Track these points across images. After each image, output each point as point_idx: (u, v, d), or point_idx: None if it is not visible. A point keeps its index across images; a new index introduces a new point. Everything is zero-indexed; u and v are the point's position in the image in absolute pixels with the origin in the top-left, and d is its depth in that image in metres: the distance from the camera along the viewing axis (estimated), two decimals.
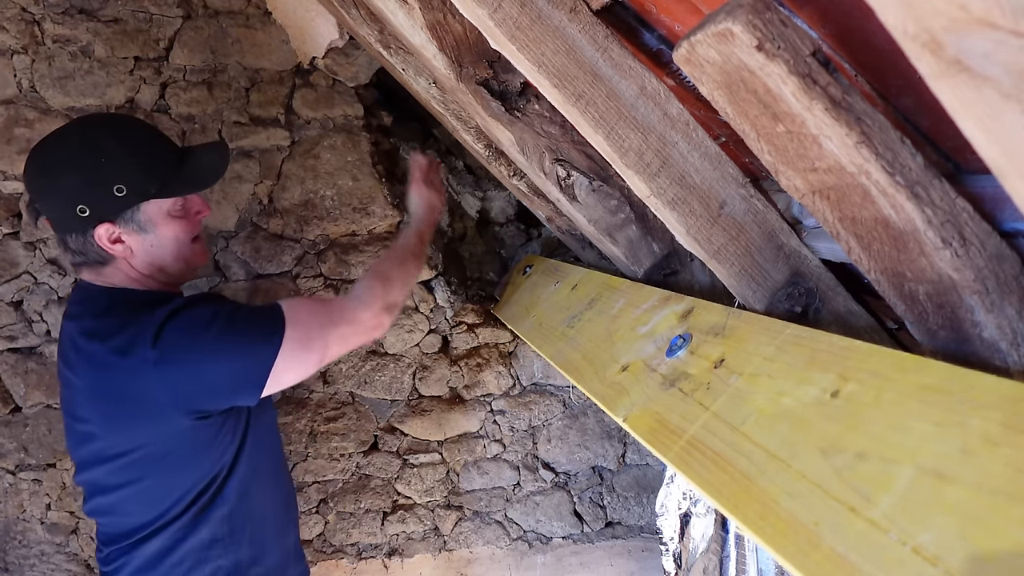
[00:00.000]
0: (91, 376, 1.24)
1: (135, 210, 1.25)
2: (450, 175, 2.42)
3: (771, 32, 0.61)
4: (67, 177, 1.22)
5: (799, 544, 0.62)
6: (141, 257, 1.29)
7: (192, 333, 1.21)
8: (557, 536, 2.39)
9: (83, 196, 1.22)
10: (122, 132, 1.28)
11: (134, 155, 1.26)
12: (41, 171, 1.24)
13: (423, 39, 1.25)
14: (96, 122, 1.34)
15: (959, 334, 0.73)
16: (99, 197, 1.23)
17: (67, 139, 1.25)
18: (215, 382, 1.23)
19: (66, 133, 1.27)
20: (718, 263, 1.01)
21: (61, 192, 1.23)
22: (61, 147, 1.24)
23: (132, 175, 1.24)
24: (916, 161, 0.65)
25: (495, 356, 2.27)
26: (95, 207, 1.23)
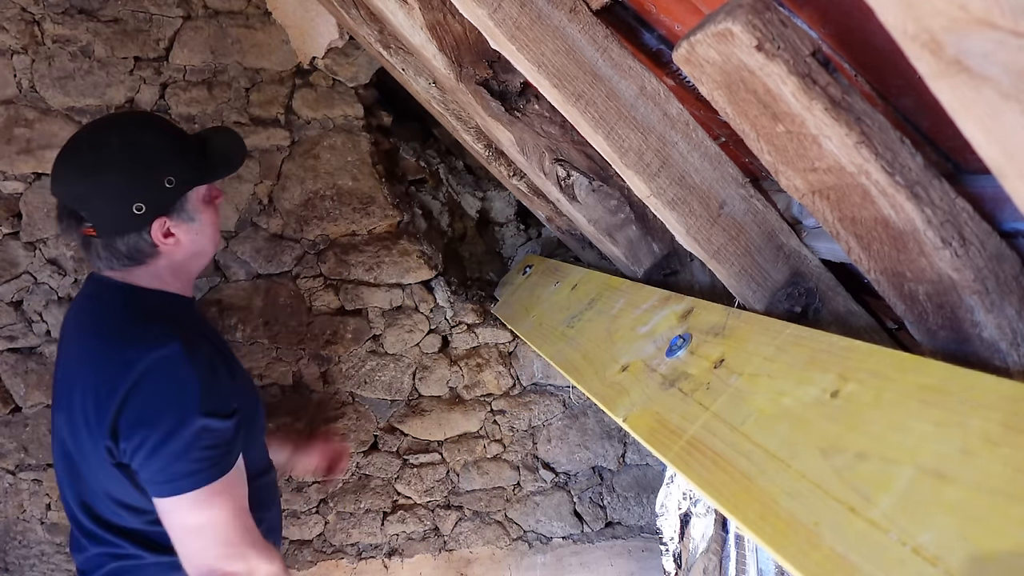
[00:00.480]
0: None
1: (184, 200, 1.27)
2: (450, 175, 2.42)
3: (771, 32, 0.61)
4: (117, 177, 1.21)
5: (799, 544, 0.62)
6: (185, 248, 1.30)
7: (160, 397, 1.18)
8: (557, 536, 2.39)
9: (138, 193, 1.21)
10: (154, 125, 1.30)
11: (171, 145, 1.27)
12: (84, 175, 1.21)
13: (423, 39, 1.25)
14: (126, 120, 1.34)
15: (959, 334, 0.73)
16: (153, 192, 1.23)
17: (105, 140, 1.23)
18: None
19: (101, 134, 1.25)
20: (718, 263, 1.01)
21: (112, 193, 1.21)
22: (101, 148, 1.23)
23: (176, 165, 1.25)
24: (916, 161, 0.65)
25: (495, 356, 2.27)
26: (151, 202, 1.22)
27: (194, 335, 1.25)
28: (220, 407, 1.20)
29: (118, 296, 1.28)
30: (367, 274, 2.15)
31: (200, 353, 1.22)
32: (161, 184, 1.23)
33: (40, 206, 1.97)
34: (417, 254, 2.18)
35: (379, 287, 2.17)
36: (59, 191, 1.25)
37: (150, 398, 1.16)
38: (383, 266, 2.16)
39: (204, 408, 1.17)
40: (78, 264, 2.00)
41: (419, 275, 2.18)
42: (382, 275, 2.16)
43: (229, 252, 2.08)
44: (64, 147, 1.26)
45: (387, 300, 2.18)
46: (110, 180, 1.21)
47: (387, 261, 2.16)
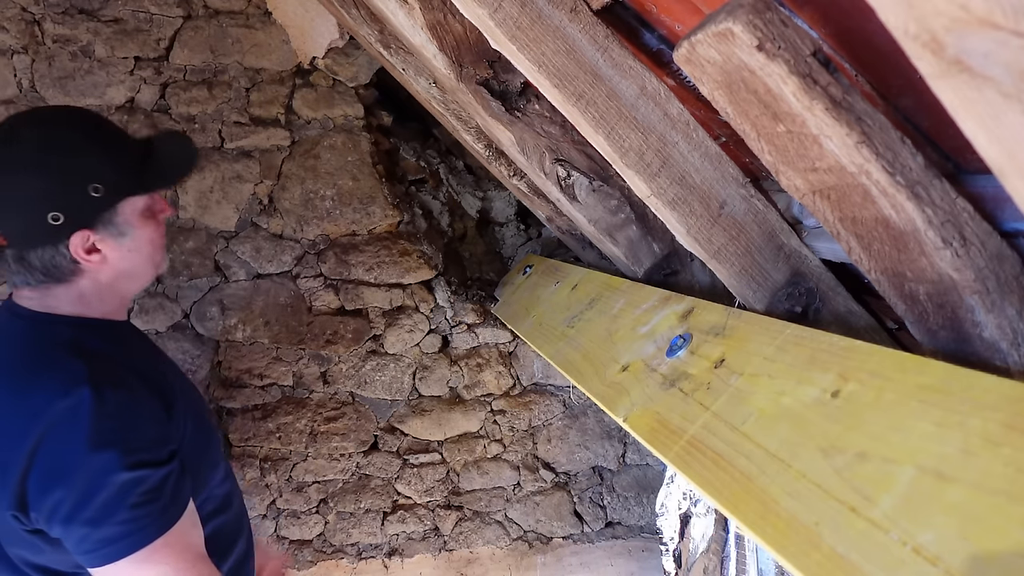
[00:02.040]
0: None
1: (113, 211, 1.08)
2: (450, 175, 2.42)
3: (771, 32, 0.61)
4: (31, 181, 1.03)
5: (799, 544, 0.62)
6: (114, 267, 1.12)
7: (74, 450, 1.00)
8: (557, 536, 2.39)
9: (54, 201, 1.03)
10: (81, 124, 1.10)
11: (103, 148, 1.08)
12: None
13: (423, 39, 1.25)
14: (48, 114, 1.13)
15: (959, 334, 0.73)
16: (73, 200, 1.05)
17: (20, 135, 1.05)
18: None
19: (16, 129, 1.06)
20: (718, 263, 1.01)
21: (24, 199, 1.03)
22: (13, 147, 1.04)
23: (106, 171, 1.07)
24: (916, 161, 0.65)
25: (495, 356, 2.27)
26: (70, 212, 1.04)
27: (115, 371, 1.07)
28: (149, 455, 1.02)
29: (29, 328, 1.10)
30: (367, 274, 2.15)
31: (119, 394, 1.03)
32: (85, 191, 1.05)
33: None
34: (417, 254, 2.18)
35: (379, 287, 2.17)
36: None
37: (58, 456, 0.98)
38: (383, 266, 2.16)
39: (125, 461, 0.99)
40: None
41: (419, 275, 2.18)
42: (382, 275, 2.16)
43: (229, 252, 2.08)
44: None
45: (387, 300, 2.18)
46: (21, 182, 1.03)
47: (387, 261, 2.16)
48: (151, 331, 2.05)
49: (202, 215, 2.05)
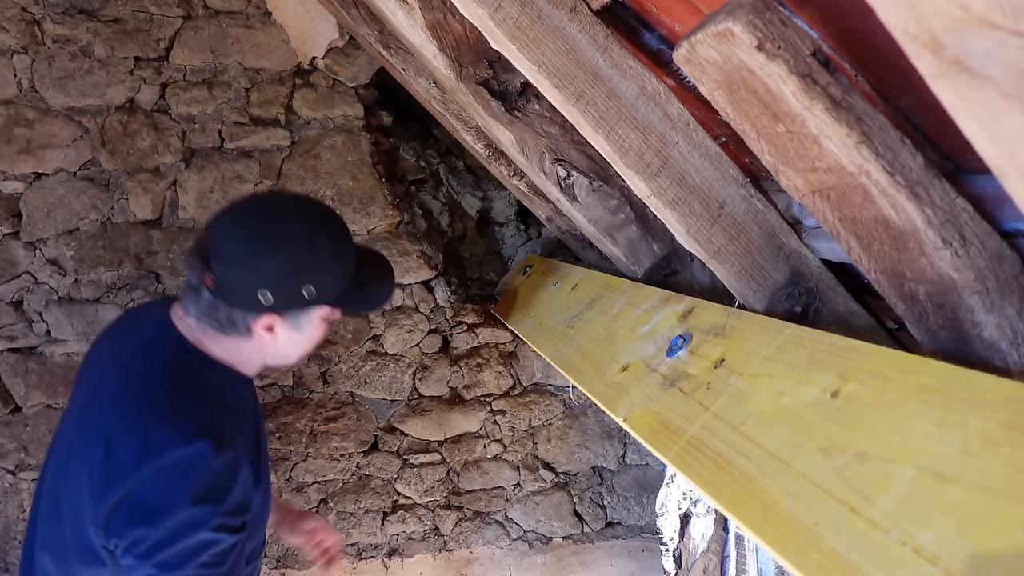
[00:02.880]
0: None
1: (306, 311, 1.17)
2: (450, 175, 2.42)
3: (771, 32, 0.61)
4: (271, 258, 1.11)
5: (799, 544, 0.62)
6: (275, 348, 1.21)
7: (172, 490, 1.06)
8: (557, 536, 2.39)
9: (274, 282, 1.11)
10: (335, 232, 1.18)
11: (335, 260, 1.18)
12: (245, 240, 1.12)
13: (423, 39, 1.25)
14: (316, 212, 1.20)
15: (959, 334, 0.73)
16: (287, 289, 1.13)
17: (287, 220, 1.14)
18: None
19: (286, 212, 1.15)
20: (718, 263, 1.01)
21: (255, 269, 1.11)
22: (280, 227, 1.13)
23: (326, 280, 1.16)
24: (916, 161, 0.65)
25: (495, 356, 2.27)
26: (278, 297, 1.12)
27: (232, 430, 1.14)
28: (231, 520, 1.09)
29: (176, 358, 1.17)
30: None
31: (230, 455, 1.10)
32: (299, 287, 1.13)
33: (40, 206, 1.97)
34: (417, 254, 2.18)
35: None
36: (214, 234, 1.13)
37: (159, 497, 1.04)
38: None
39: (214, 522, 1.05)
40: (78, 264, 2.00)
41: (419, 275, 2.18)
42: None
43: None
44: (247, 201, 1.19)
45: None
46: (264, 256, 1.11)
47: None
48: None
49: (202, 215, 2.05)
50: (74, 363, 2.02)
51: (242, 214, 1.16)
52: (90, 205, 2.00)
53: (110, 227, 2.02)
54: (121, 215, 2.02)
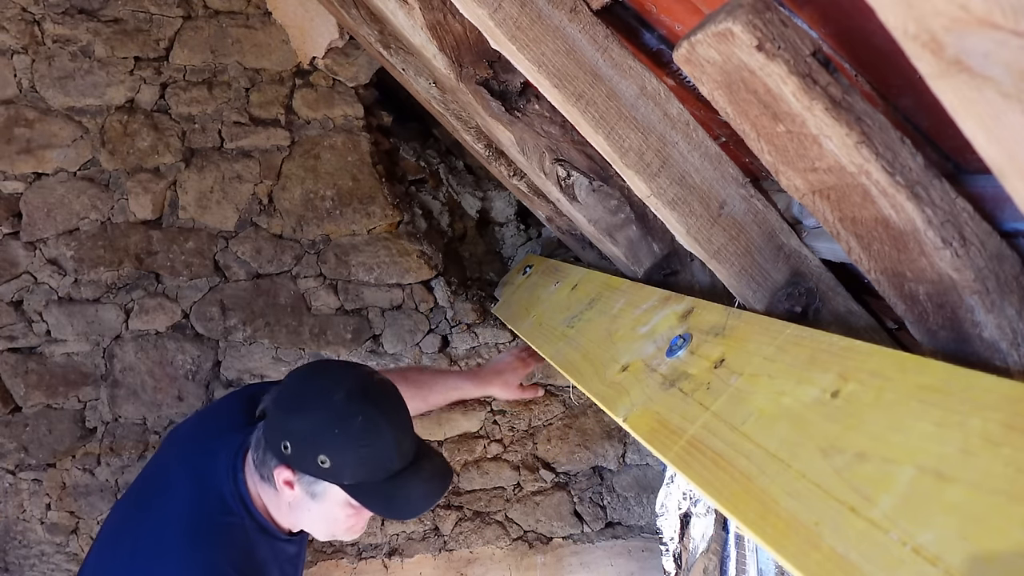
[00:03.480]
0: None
1: (318, 482, 1.19)
2: (450, 175, 2.42)
3: (771, 32, 0.61)
4: (301, 417, 1.18)
5: (799, 544, 0.62)
6: (300, 513, 1.24)
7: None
8: (557, 536, 2.39)
9: (295, 439, 1.17)
10: (376, 422, 1.19)
11: (360, 446, 1.18)
12: (292, 392, 1.22)
13: (423, 39, 1.25)
14: (369, 396, 1.22)
15: (959, 334, 0.73)
16: (304, 450, 1.17)
17: (333, 388, 1.19)
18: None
19: (339, 382, 1.21)
20: (718, 263, 1.01)
21: (287, 421, 1.19)
22: (322, 390, 1.20)
23: (346, 461, 1.17)
24: (916, 161, 0.65)
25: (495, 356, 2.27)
26: (296, 453, 1.17)
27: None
28: None
29: (224, 497, 1.24)
30: (367, 274, 2.15)
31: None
32: (315, 456, 1.16)
33: (40, 206, 1.97)
34: (417, 254, 2.18)
35: (379, 287, 2.17)
36: (286, 381, 1.26)
37: None
38: (383, 266, 2.16)
39: None
40: (78, 264, 2.00)
41: (419, 275, 2.18)
42: (382, 275, 2.16)
43: (229, 252, 2.08)
44: (322, 362, 1.31)
45: (387, 300, 2.18)
46: (295, 416, 1.18)
47: (387, 261, 2.16)
48: (151, 331, 2.05)
49: (202, 215, 2.05)
50: (74, 363, 2.02)
51: (307, 372, 1.27)
52: (90, 205, 2.00)
53: (110, 227, 2.02)
54: (121, 215, 2.02)
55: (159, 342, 2.06)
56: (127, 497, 1.35)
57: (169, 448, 1.39)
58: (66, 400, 2.03)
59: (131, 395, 2.05)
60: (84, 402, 2.04)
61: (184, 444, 1.37)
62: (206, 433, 1.38)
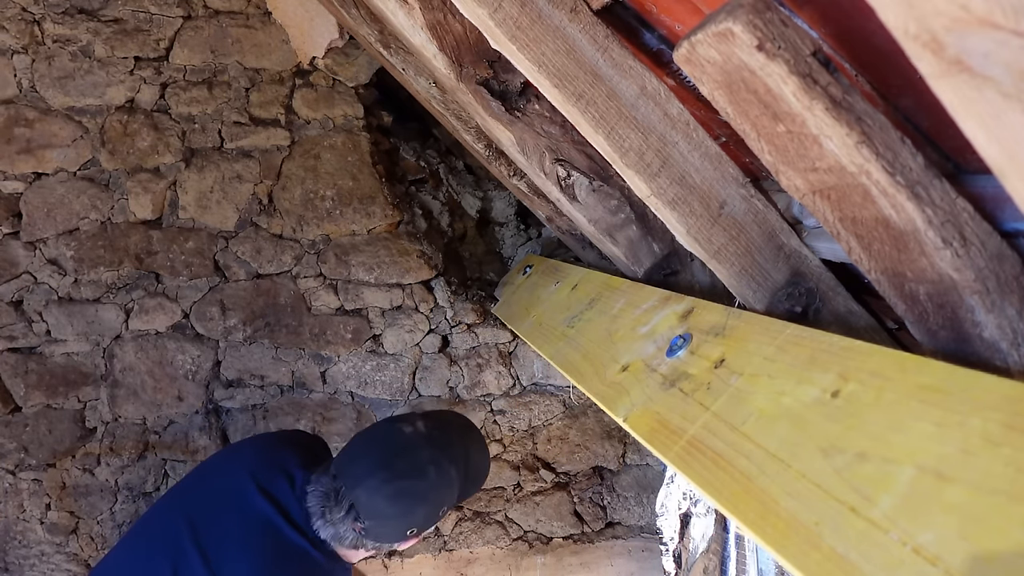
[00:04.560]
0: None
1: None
2: (450, 175, 2.42)
3: (771, 32, 0.61)
4: (419, 510, 1.32)
5: (799, 544, 0.62)
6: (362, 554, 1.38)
7: None
8: (557, 536, 2.39)
9: (421, 523, 1.33)
10: (458, 458, 1.38)
11: (461, 479, 1.38)
12: (394, 499, 1.30)
13: (423, 39, 1.25)
14: (444, 448, 1.37)
15: (959, 334, 0.73)
16: (430, 520, 1.35)
17: (424, 472, 1.31)
18: None
19: (421, 466, 1.32)
20: (718, 263, 1.01)
21: (407, 520, 1.31)
22: (419, 480, 1.31)
23: (454, 496, 1.38)
24: (916, 161, 0.65)
25: (495, 356, 2.27)
26: (423, 528, 1.35)
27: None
28: None
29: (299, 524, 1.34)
30: (367, 274, 2.15)
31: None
32: (438, 515, 1.36)
33: (40, 206, 1.97)
34: (417, 254, 2.18)
35: (379, 287, 2.17)
36: (359, 497, 1.29)
37: None
38: (383, 266, 2.16)
39: None
40: (78, 264, 2.00)
41: (419, 275, 2.18)
42: (382, 275, 2.16)
43: (229, 252, 2.08)
44: (377, 452, 1.33)
45: (387, 300, 2.18)
46: (413, 509, 1.31)
47: (387, 261, 2.16)
48: (151, 331, 2.05)
49: (202, 215, 2.05)
50: (74, 363, 2.02)
51: (384, 470, 1.31)
52: (90, 205, 2.00)
53: (110, 227, 2.02)
54: (121, 215, 2.02)
55: (159, 342, 2.06)
56: (176, 502, 1.40)
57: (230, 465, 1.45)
58: (66, 400, 2.03)
59: (131, 395, 2.05)
60: (84, 402, 2.04)
61: (251, 467, 1.42)
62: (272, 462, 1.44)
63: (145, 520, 1.42)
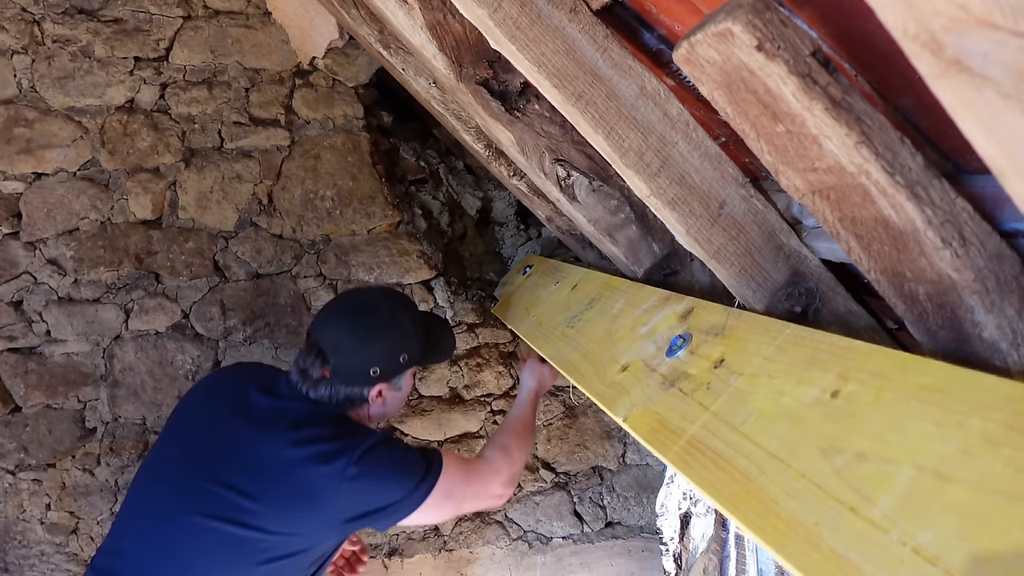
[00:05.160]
0: (278, 461, 1.34)
1: (402, 374, 1.52)
2: (450, 175, 2.42)
3: (771, 32, 0.61)
4: (375, 345, 1.46)
5: (799, 544, 0.62)
6: (383, 409, 1.52)
7: (384, 467, 1.36)
8: (557, 536, 2.39)
9: (381, 362, 1.45)
10: (411, 310, 1.56)
11: (416, 331, 1.54)
12: (352, 334, 1.46)
13: (423, 39, 1.25)
14: (395, 300, 1.58)
15: (959, 334, 0.73)
16: (390, 362, 1.47)
17: (376, 311, 1.49)
18: (379, 509, 1.36)
19: (374, 305, 1.51)
20: (718, 263, 1.01)
21: (365, 356, 1.44)
22: (373, 317, 1.48)
23: (413, 346, 1.51)
24: (916, 161, 0.65)
25: (495, 356, 2.27)
26: (384, 370, 1.46)
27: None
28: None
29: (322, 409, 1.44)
30: (367, 274, 2.15)
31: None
32: (398, 359, 1.48)
33: (40, 206, 1.97)
34: (417, 254, 2.18)
35: None
36: (324, 335, 1.46)
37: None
38: (383, 266, 2.16)
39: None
40: (78, 264, 2.00)
41: (419, 275, 2.18)
42: (382, 275, 2.16)
43: (229, 252, 2.08)
44: (337, 304, 1.54)
45: None
46: (369, 344, 1.45)
47: (387, 261, 2.16)
48: (151, 331, 2.06)
49: (202, 215, 2.05)
50: (74, 363, 2.02)
51: (344, 314, 1.50)
52: (90, 205, 2.00)
53: (110, 227, 2.02)
54: (121, 215, 2.02)
55: (159, 342, 2.06)
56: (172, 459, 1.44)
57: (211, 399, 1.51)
58: (66, 400, 2.03)
59: (131, 395, 2.05)
60: (84, 402, 2.04)
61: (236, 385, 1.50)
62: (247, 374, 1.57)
63: (144, 491, 1.43)
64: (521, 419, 1.72)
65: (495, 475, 1.53)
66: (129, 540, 1.38)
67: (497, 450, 1.59)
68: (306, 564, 1.39)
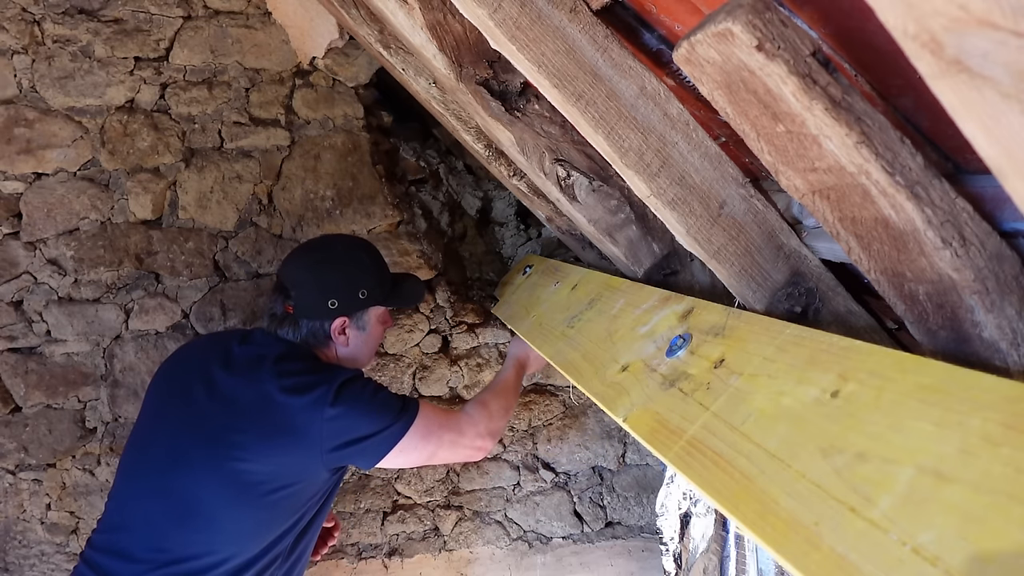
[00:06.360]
0: (261, 396, 1.40)
1: (365, 312, 1.57)
2: (450, 175, 2.42)
3: (771, 32, 0.61)
4: (330, 276, 1.53)
5: (799, 544, 0.62)
6: (349, 350, 1.57)
7: (361, 398, 1.42)
8: (557, 536, 2.39)
9: (337, 293, 1.51)
10: (371, 251, 1.62)
11: (376, 270, 1.60)
12: (307, 266, 1.55)
13: (423, 39, 1.25)
14: (353, 240, 1.67)
15: (959, 334, 0.73)
16: (348, 296, 1.53)
17: (332, 247, 1.59)
18: (359, 439, 1.40)
19: (330, 243, 1.63)
20: (718, 263, 1.01)
21: (321, 287, 1.51)
22: (328, 251, 1.57)
23: (373, 284, 1.57)
24: (916, 161, 0.65)
25: (495, 356, 2.27)
26: (343, 303, 1.52)
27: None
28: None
29: (297, 349, 1.53)
30: None
31: None
32: (356, 293, 1.54)
33: (40, 206, 1.97)
34: (417, 254, 2.18)
35: None
36: (284, 272, 1.56)
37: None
38: None
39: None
40: (78, 264, 2.00)
41: (419, 275, 2.18)
42: None
43: (229, 252, 2.08)
44: (300, 246, 1.65)
45: None
46: (325, 276, 1.53)
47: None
48: (151, 331, 2.06)
49: (202, 215, 2.05)
50: (74, 363, 2.02)
51: (302, 252, 1.60)
52: (90, 205, 2.00)
53: (110, 227, 2.02)
54: (121, 215, 2.02)
55: (159, 342, 2.06)
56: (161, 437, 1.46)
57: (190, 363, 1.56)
58: (66, 400, 2.03)
59: (131, 395, 2.05)
60: (84, 402, 2.04)
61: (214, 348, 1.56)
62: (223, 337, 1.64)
63: (136, 465, 1.45)
64: (503, 381, 1.77)
65: (472, 425, 1.57)
66: (129, 512, 1.41)
67: (475, 404, 1.64)
68: (304, 499, 1.44)
